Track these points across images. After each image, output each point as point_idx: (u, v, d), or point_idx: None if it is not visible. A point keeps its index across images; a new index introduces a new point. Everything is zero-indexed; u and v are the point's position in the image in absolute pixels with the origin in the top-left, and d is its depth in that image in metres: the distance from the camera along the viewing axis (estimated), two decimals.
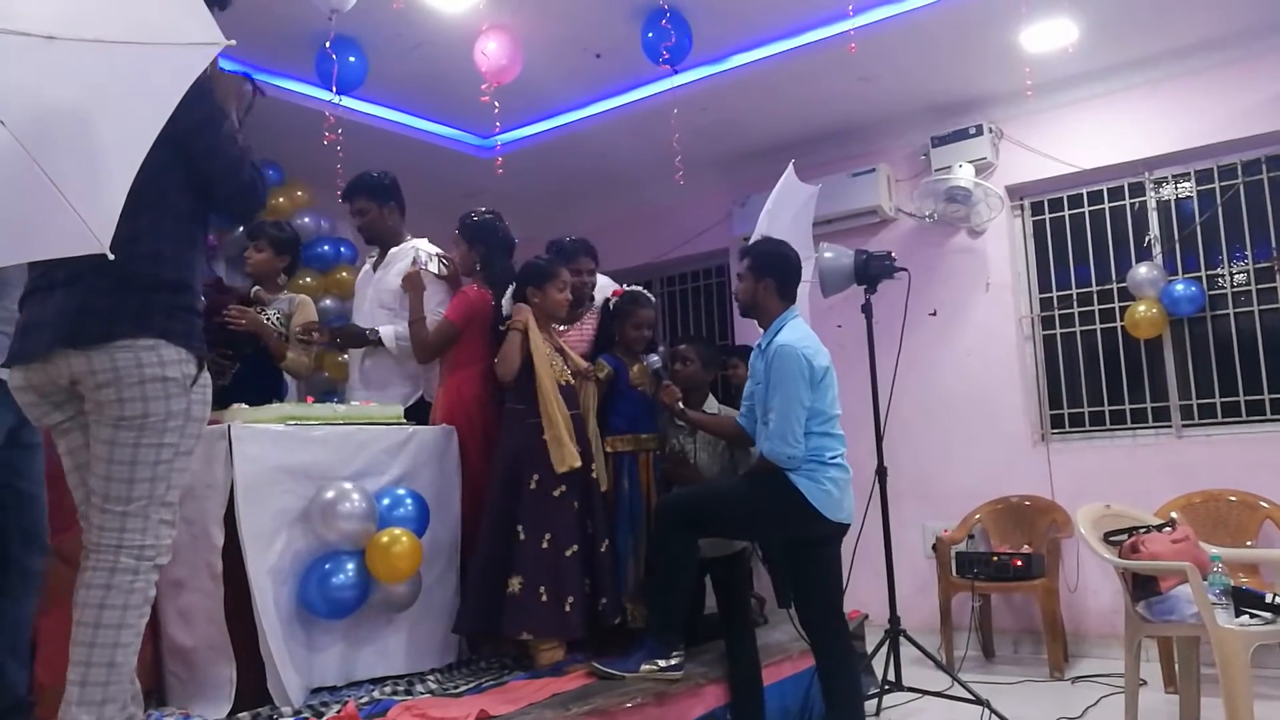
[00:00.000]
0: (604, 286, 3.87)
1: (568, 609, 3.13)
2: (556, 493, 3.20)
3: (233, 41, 1.84)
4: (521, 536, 3.15)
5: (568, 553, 3.18)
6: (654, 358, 3.48)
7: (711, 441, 3.58)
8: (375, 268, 3.86)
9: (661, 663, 3.03)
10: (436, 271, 3.69)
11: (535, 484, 3.19)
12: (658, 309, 3.72)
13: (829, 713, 3.14)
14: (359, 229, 3.86)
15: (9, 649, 2.46)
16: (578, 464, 3.18)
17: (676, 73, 4.36)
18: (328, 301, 5.22)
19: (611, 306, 3.64)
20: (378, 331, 3.66)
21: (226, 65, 4.79)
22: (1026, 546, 4.80)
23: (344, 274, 5.32)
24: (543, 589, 3.11)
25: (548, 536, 3.16)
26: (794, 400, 3.01)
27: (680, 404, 3.44)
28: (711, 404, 3.67)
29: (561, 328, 3.60)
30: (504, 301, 3.46)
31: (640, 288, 3.77)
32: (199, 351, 2.05)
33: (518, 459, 3.23)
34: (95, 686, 1.91)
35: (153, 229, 2.00)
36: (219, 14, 2.11)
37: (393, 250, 3.79)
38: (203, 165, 2.07)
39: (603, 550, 3.32)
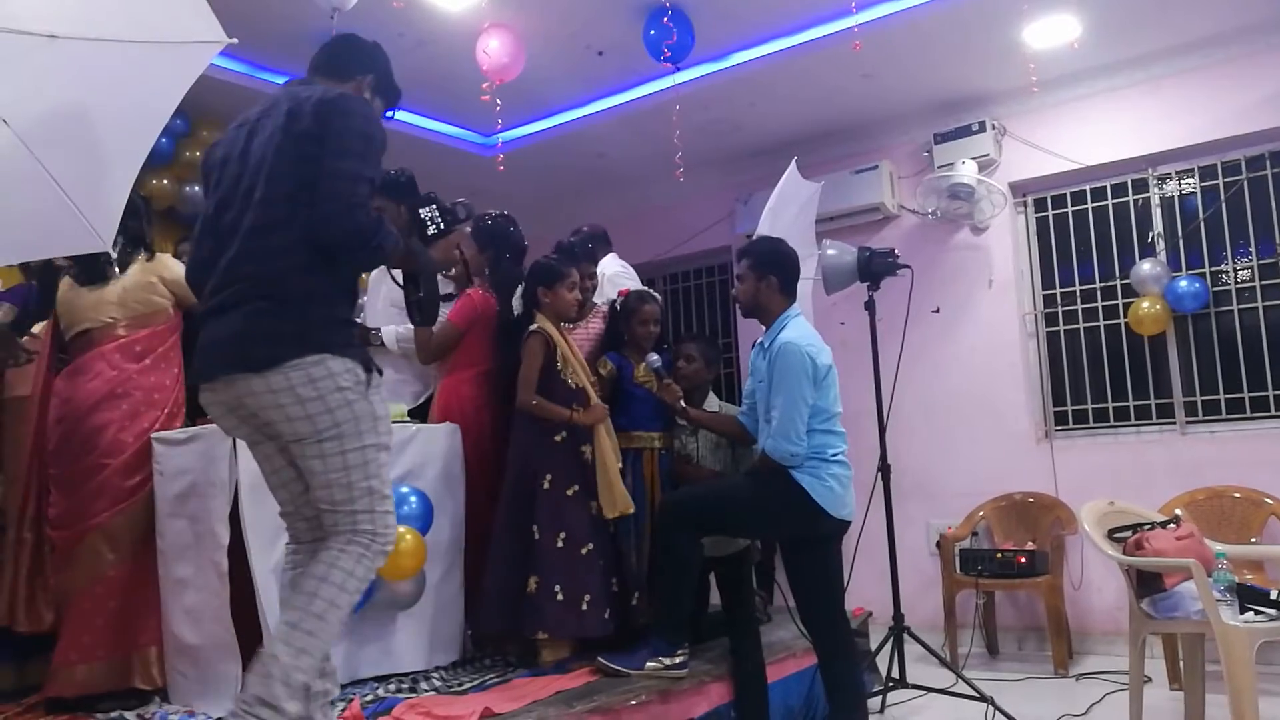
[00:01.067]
0: (627, 279, 3.91)
1: (585, 608, 3.14)
2: (570, 491, 3.21)
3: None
4: (537, 536, 3.17)
5: (583, 551, 3.19)
6: (654, 356, 3.48)
7: (714, 440, 3.59)
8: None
9: (666, 660, 3.03)
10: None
11: (549, 484, 3.21)
12: (661, 307, 3.73)
13: (832, 711, 3.14)
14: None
15: None
16: (630, 509, 3.22)
17: (678, 70, 4.36)
18: None
19: (618, 306, 3.65)
20: (380, 334, 3.67)
21: (228, 64, 4.78)
22: (1030, 543, 4.79)
23: None
24: (558, 588, 3.12)
25: (562, 535, 3.18)
26: (797, 398, 3.01)
27: (681, 402, 3.44)
28: (712, 401, 3.68)
29: (570, 326, 3.63)
30: (514, 302, 3.48)
31: (645, 287, 3.79)
32: (361, 358, 2.12)
33: (530, 460, 3.25)
34: (301, 633, 1.99)
35: (305, 243, 2.04)
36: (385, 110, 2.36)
37: None
38: (317, 182, 2.05)
39: (625, 549, 3.34)
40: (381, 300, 3.83)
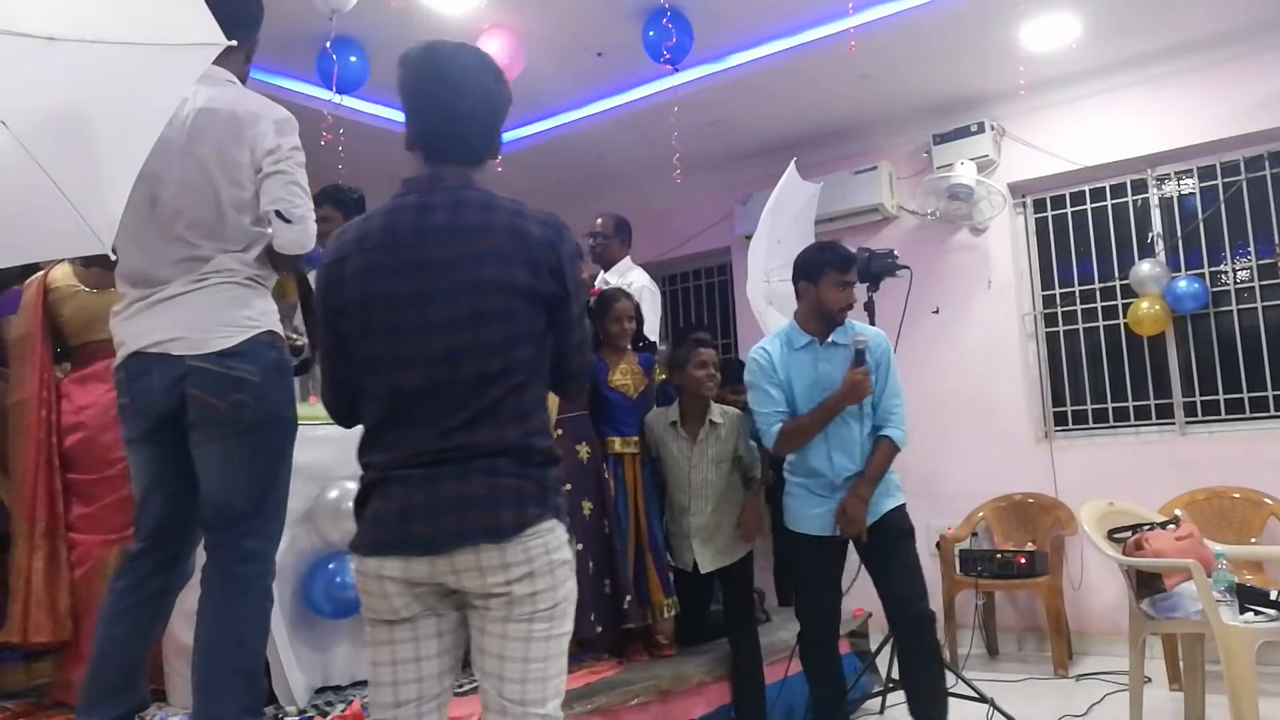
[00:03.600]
0: (652, 294, 3.92)
1: None
2: None
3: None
4: None
5: None
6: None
7: (716, 455, 3.44)
8: None
9: None
10: None
11: None
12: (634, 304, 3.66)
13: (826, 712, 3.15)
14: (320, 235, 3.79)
15: None
16: None
17: (677, 71, 4.36)
18: None
19: (591, 304, 3.56)
20: None
21: None
22: (1030, 544, 4.79)
23: None
24: None
25: None
26: None
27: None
28: (713, 409, 3.56)
29: None
30: None
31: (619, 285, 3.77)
32: (569, 528, 1.81)
33: None
34: None
35: (540, 399, 1.83)
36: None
37: None
38: (563, 336, 1.83)
39: (619, 551, 3.31)
40: None
